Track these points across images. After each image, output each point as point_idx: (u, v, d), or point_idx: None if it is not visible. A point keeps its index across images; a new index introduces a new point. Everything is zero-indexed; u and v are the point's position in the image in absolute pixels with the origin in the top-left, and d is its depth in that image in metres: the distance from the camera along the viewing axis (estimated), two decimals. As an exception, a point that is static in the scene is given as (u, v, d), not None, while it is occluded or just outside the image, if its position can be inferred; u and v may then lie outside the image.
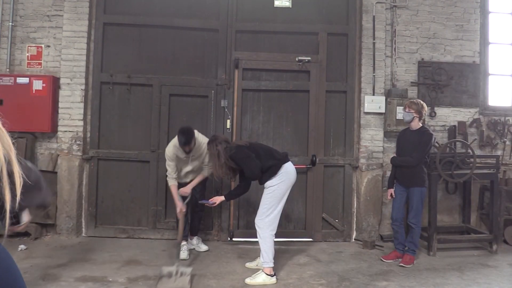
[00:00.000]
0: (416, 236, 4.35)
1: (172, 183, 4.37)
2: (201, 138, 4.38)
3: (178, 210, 4.26)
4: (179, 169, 4.41)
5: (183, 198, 4.32)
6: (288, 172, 3.87)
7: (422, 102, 4.41)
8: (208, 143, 4.01)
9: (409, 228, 4.39)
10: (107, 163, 5.12)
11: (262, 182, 3.89)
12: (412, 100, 4.45)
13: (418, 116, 4.34)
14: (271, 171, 3.83)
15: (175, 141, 4.27)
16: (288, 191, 3.92)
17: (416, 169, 4.31)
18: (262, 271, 3.77)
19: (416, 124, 4.37)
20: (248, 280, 3.72)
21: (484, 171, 4.92)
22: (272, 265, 3.79)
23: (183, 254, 4.31)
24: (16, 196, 1.08)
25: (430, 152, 4.46)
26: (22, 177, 1.10)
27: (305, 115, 5.28)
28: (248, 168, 3.78)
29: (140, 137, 5.17)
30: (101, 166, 5.12)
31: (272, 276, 3.75)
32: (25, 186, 1.15)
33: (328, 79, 5.30)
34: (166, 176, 4.47)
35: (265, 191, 3.86)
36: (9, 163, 1.08)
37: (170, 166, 4.36)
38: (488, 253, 4.79)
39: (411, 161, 4.28)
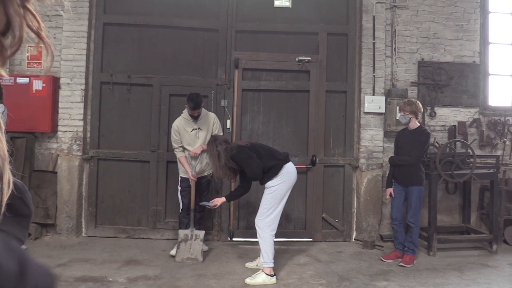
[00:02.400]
0: (415, 235, 4.35)
1: (180, 155, 4.44)
2: (204, 110, 4.53)
3: (190, 176, 4.37)
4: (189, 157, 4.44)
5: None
6: (289, 172, 3.87)
7: (415, 100, 4.43)
8: (208, 144, 4.02)
9: (408, 228, 4.39)
10: (107, 163, 5.12)
11: (263, 182, 3.89)
12: (405, 101, 4.47)
13: (413, 116, 4.35)
14: (272, 171, 3.82)
15: (183, 113, 4.48)
16: (289, 192, 3.92)
17: (414, 168, 4.32)
18: (262, 271, 3.78)
19: (414, 124, 4.39)
20: (248, 280, 3.72)
21: (484, 171, 4.92)
22: (272, 265, 3.79)
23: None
24: (2, 204, 1.06)
25: (428, 152, 4.48)
26: (12, 190, 1.08)
27: (305, 115, 5.28)
28: (250, 169, 3.78)
29: (140, 137, 5.17)
30: (101, 166, 5.12)
31: (272, 276, 3.76)
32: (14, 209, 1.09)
33: (328, 79, 5.30)
34: (174, 150, 4.51)
35: (266, 191, 3.86)
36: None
37: (175, 140, 4.43)
38: (488, 253, 4.79)
39: (410, 160, 4.30)
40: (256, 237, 3.94)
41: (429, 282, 3.83)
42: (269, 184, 3.84)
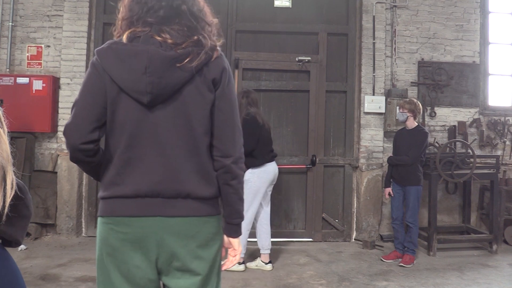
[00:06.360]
0: (414, 235, 4.35)
1: None
2: None
3: None
4: None
5: None
6: (266, 171, 3.95)
7: (416, 101, 4.44)
8: (239, 92, 4.14)
9: (407, 228, 4.39)
10: (107, 163, 5.11)
11: (249, 165, 3.97)
12: (406, 99, 4.50)
13: (412, 115, 4.36)
14: (252, 161, 3.88)
15: None
16: (264, 190, 3.97)
17: (412, 168, 4.32)
18: None
19: (412, 124, 4.40)
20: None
21: (484, 171, 4.92)
22: (242, 255, 3.93)
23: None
24: (5, 205, 1.06)
25: (426, 151, 4.48)
26: (16, 191, 1.09)
27: (305, 115, 5.28)
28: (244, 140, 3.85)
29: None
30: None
31: (240, 264, 3.98)
32: (17, 210, 1.13)
33: (328, 79, 5.30)
34: None
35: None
36: (4, 172, 1.06)
37: None
38: (488, 253, 4.79)
39: (407, 160, 4.31)
40: (256, 237, 4.04)
41: (429, 282, 3.83)
42: (246, 175, 3.93)
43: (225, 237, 1.55)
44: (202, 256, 1.43)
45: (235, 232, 1.54)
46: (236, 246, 1.55)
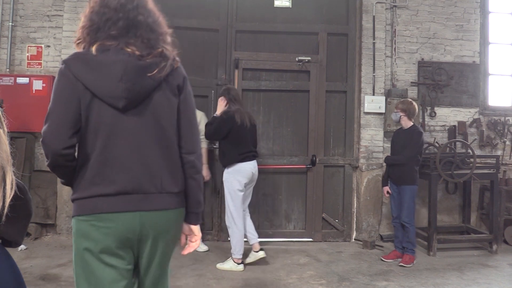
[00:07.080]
0: (412, 235, 4.34)
1: None
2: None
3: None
4: None
5: None
6: (240, 170, 4.00)
7: (410, 101, 4.44)
8: (222, 90, 4.28)
9: (404, 228, 4.38)
10: (107, 163, 5.11)
11: (220, 159, 4.21)
12: (401, 100, 4.53)
13: (405, 114, 4.37)
14: (227, 159, 4.02)
15: None
16: (242, 188, 4.03)
17: (407, 168, 4.32)
18: (231, 258, 4.05)
19: (407, 123, 4.40)
20: (218, 265, 4.06)
21: (484, 171, 4.92)
22: (239, 256, 4.03)
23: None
24: (5, 205, 1.06)
25: (422, 151, 4.47)
26: (16, 191, 1.09)
27: (305, 115, 5.28)
28: (211, 127, 3.97)
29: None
30: (101, 166, 5.11)
31: (238, 264, 4.02)
32: (16, 210, 1.14)
33: (328, 79, 5.30)
34: None
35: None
36: (3, 173, 1.07)
37: None
38: (488, 253, 4.79)
39: (402, 159, 4.32)
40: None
41: (429, 282, 3.83)
42: (223, 175, 4.09)
43: (186, 225, 1.71)
44: (172, 242, 1.65)
45: (197, 219, 1.73)
46: (197, 232, 1.74)
